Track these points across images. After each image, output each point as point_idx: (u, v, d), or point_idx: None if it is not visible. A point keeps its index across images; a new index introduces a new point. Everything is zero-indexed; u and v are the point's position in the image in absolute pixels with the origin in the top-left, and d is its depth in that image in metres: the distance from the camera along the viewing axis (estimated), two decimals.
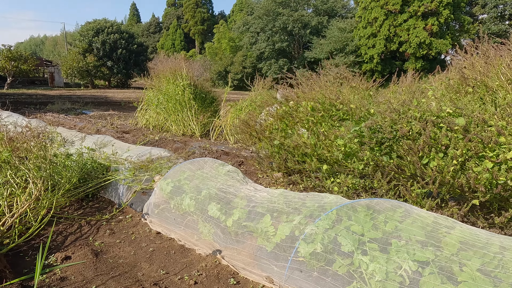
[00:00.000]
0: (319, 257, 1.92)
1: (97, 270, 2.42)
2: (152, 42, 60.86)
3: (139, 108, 9.27)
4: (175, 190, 2.97)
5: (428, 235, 1.77)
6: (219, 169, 3.14)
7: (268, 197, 2.55)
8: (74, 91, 25.76)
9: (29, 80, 31.46)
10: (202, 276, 2.33)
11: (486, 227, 2.55)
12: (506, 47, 3.64)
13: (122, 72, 32.83)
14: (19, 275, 2.28)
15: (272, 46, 35.10)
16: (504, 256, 1.56)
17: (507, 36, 4.36)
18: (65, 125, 8.36)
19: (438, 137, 2.65)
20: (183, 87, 7.59)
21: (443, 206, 2.79)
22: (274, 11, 34.42)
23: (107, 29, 32.35)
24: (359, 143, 2.98)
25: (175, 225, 2.85)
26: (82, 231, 3.00)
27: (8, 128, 4.63)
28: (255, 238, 2.27)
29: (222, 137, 7.18)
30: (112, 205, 3.59)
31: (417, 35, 26.71)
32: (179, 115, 7.72)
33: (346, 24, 31.85)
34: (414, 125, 2.76)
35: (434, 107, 2.88)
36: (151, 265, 2.49)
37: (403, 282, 1.64)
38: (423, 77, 6.18)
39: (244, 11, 49.03)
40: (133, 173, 3.61)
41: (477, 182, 2.41)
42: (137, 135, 7.46)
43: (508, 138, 2.45)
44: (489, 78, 3.42)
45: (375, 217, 1.95)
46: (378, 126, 2.90)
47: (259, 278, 2.20)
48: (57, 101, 14.75)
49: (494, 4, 31.82)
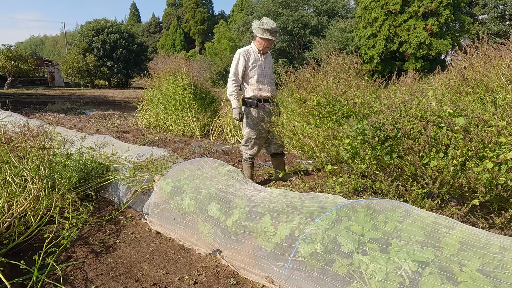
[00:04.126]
0: (319, 257, 1.92)
1: (97, 270, 2.41)
2: (152, 42, 60.87)
3: (139, 108, 9.27)
4: (175, 190, 2.97)
5: (428, 235, 1.77)
6: (219, 169, 3.14)
7: (268, 197, 2.55)
8: (74, 91, 25.76)
9: (29, 80, 31.48)
10: (202, 276, 2.33)
11: (486, 228, 2.55)
12: (506, 48, 3.64)
13: (122, 72, 32.85)
14: (19, 274, 2.28)
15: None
16: (504, 257, 1.56)
17: (507, 37, 4.35)
18: (65, 124, 8.36)
19: (438, 136, 2.65)
20: (183, 87, 7.59)
21: (443, 206, 2.78)
22: (274, 11, 34.41)
23: (107, 29, 32.38)
24: (361, 141, 2.97)
25: (175, 225, 2.85)
26: (82, 231, 3.00)
27: (8, 127, 4.62)
28: (255, 238, 2.27)
29: (222, 137, 7.18)
30: (112, 205, 3.59)
31: (417, 35, 26.69)
32: (179, 115, 7.72)
33: (346, 24, 31.84)
34: (415, 124, 2.76)
35: (435, 107, 2.88)
36: (151, 265, 2.49)
37: (403, 282, 1.64)
38: (423, 77, 6.18)
39: (244, 11, 49.04)
40: (133, 173, 3.60)
41: (477, 182, 2.41)
42: (137, 135, 7.46)
43: (508, 138, 2.45)
44: (489, 79, 3.42)
45: (375, 217, 1.95)
46: (380, 124, 2.89)
47: (259, 278, 2.20)
48: (57, 101, 14.74)
49: (494, 5, 31.82)
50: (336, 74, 4.55)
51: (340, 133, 3.17)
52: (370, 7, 28.72)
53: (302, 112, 3.95)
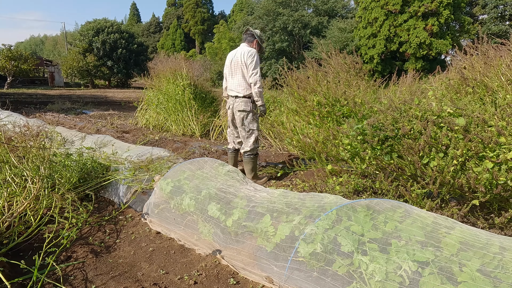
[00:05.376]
0: (319, 257, 1.92)
1: (97, 269, 2.41)
2: (152, 42, 60.87)
3: (139, 108, 9.27)
4: (175, 190, 2.97)
5: (428, 235, 1.77)
6: (219, 169, 3.14)
7: (268, 197, 2.55)
8: (74, 91, 25.75)
9: (29, 79, 31.46)
10: (202, 276, 2.33)
11: (486, 228, 2.55)
12: (506, 48, 3.64)
13: (122, 72, 32.84)
14: (19, 274, 2.28)
15: (272, 46, 35.09)
16: (504, 257, 1.56)
17: (507, 37, 4.35)
18: (65, 124, 8.36)
19: (438, 136, 2.65)
20: (183, 87, 7.59)
21: (443, 206, 2.79)
22: (274, 11, 34.42)
23: (107, 29, 32.36)
24: (361, 141, 2.97)
25: (175, 225, 2.85)
26: (82, 230, 3.00)
27: (8, 127, 4.62)
28: (255, 238, 2.27)
29: (222, 137, 7.18)
30: (112, 205, 3.59)
31: (417, 35, 26.70)
32: (179, 115, 7.72)
33: (346, 24, 31.85)
34: (415, 124, 2.76)
35: (435, 107, 2.88)
36: (151, 265, 2.49)
37: (403, 282, 1.63)
38: (423, 78, 6.18)
39: (244, 11, 49.04)
40: (133, 173, 3.60)
41: (477, 182, 2.41)
42: (137, 135, 7.45)
43: (508, 138, 2.45)
44: (489, 79, 3.42)
45: (375, 217, 1.95)
46: (380, 124, 2.89)
47: (259, 278, 2.20)
48: (57, 101, 14.75)
49: (494, 5, 31.83)
50: (336, 74, 4.56)
51: (340, 133, 3.18)
52: (370, 7, 28.72)
53: (303, 112, 3.96)
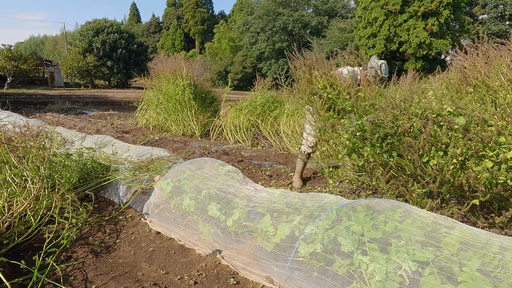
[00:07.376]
0: (319, 257, 1.92)
1: (97, 270, 2.41)
2: (152, 42, 60.85)
3: (139, 108, 9.27)
4: (175, 190, 2.97)
5: (428, 235, 1.77)
6: (219, 169, 3.14)
7: (268, 197, 2.55)
8: (74, 91, 25.74)
9: (29, 80, 31.44)
10: (202, 276, 2.33)
11: (486, 227, 2.55)
12: (506, 48, 3.63)
13: (122, 72, 32.81)
14: (19, 274, 2.28)
15: (272, 46, 35.13)
16: (504, 256, 1.56)
17: (507, 37, 4.35)
18: (65, 125, 8.36)
19: (438, 135, 2.65)
20: (183, 87, 7.59)
21: (443, 206, 2.79)
22: (274, 11, 34.45)
23: (107, 29, 32.34)
24: (360, 137, 2.97)
25: (175, 225, 2.85)
26: (82, 231, 3.00)
27: (8, 127, 4.62)
28: (255, 238, 2.27)
29: (222, 137, 7.18)
30: (112, 205, 3.59)
31: (417, 35, 26.69)
32: (179, 115, 7.72)
33: (346, 24, 31.87)
34: (415, 122, 2.76)
35: (435, 105, 2.88)
36: (151, 265, 2.49)
37: (403, 282, 1.63)
38: (423, 77, 6.17)
39: (244, 11, 49.04)
40: (133, 173, 3.60)
41: (477, 182, 2.41)
42: (137, 135, 7.45)
43: (508, 138, 2.45)
44: (490, 78, 3.41)
45: (375, 217, 1.95)
46: (380, 120, 2.88)
47: (259, 278, 2.20)
48: (57, 101, 14.75)
49: (494, 4, 31.83)
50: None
51: (339, 127, 3.17)
52: (370, 7, 28.72)
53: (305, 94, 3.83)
